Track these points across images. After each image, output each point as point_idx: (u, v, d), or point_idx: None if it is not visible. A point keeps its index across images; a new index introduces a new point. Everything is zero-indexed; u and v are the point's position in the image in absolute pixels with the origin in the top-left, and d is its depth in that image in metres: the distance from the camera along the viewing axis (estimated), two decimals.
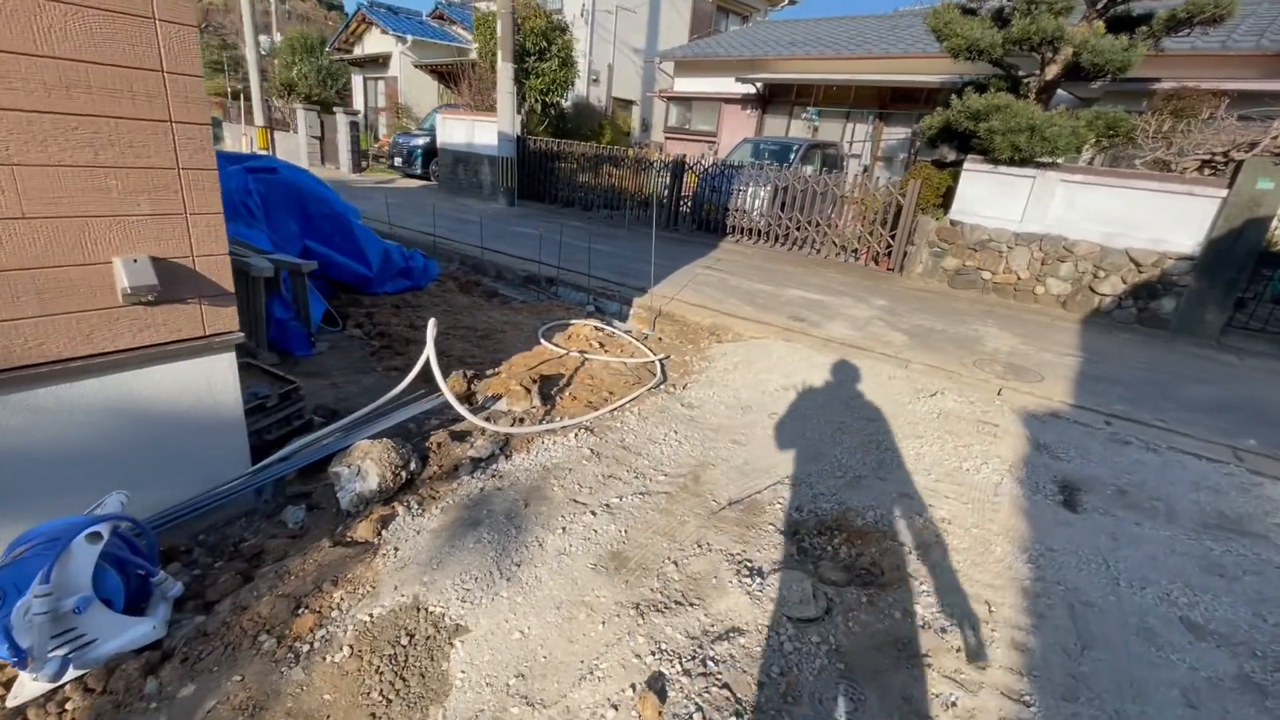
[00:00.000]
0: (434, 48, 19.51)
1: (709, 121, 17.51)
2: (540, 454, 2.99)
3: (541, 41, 13.17)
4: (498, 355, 4.53)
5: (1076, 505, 3.26)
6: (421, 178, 16.59)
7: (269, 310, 3.98)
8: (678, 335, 6.35)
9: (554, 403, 3.79)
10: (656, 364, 4.82)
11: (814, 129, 15.24)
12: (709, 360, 5.12)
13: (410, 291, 5.74)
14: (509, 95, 12.86)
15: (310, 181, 5.28)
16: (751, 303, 7.13)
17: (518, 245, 8.94)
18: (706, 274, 8.42)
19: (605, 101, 19.78)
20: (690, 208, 12.10)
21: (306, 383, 3.83)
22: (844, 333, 6.27)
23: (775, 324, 6.42)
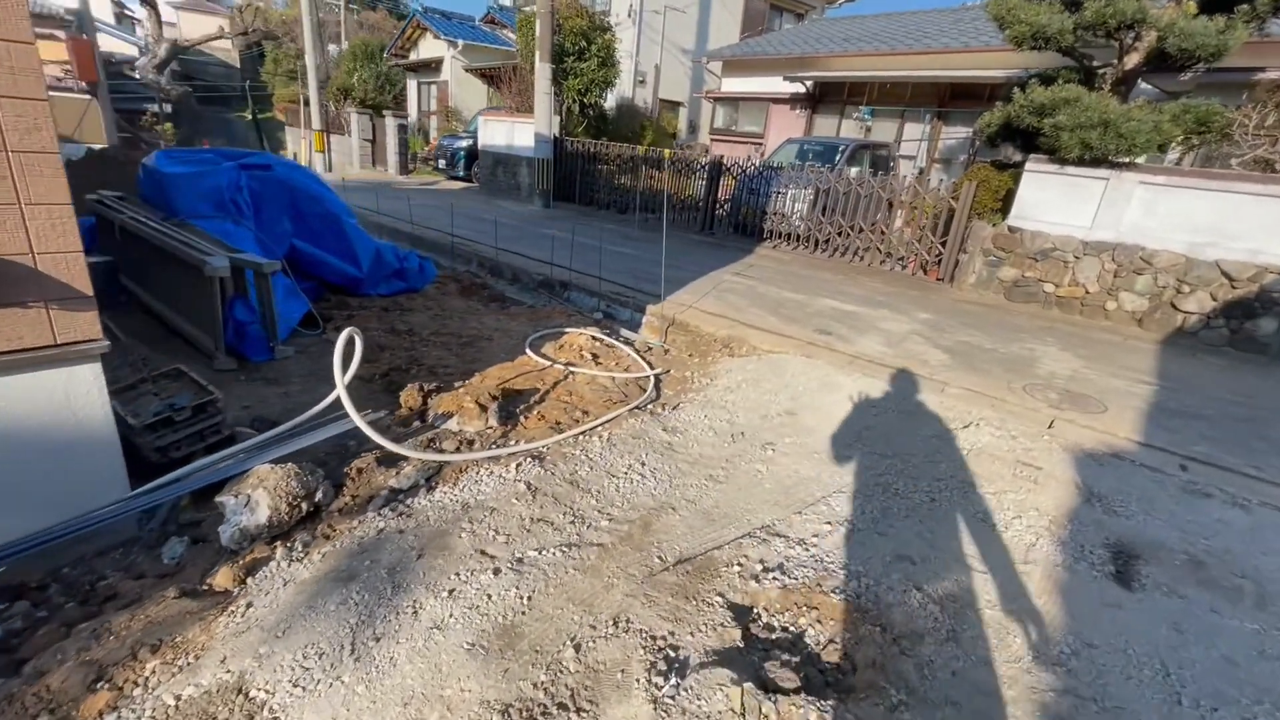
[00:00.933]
0: (484, 51, 19.64)
1: (756, 122, 16.87)
2: (467, 487, 2.59)
3: (581, 41, 12.92)
4: (474, 365, 4.17)
5: (1132, 579, 2.59)
6: (464, 180, 16.65)
7: (229, 312, 3.75)
8: (688, 347, 5.85)
9: (516, 423, 3.39)
10: (650, 379, 4.35)
11: (866, 129, 14.39)
12: (711, 377, 4.61)
13: (405, 294, 5.49)
14: (546, 96, 12.65)
15: (305, 180, 5.09)
16: (776, 313, 6.56)
17: (540, 248, 8.63)
18: (734, 281, 7.88)
19: (651, 103, 19.41)
20: (728, 211, 11.55)
21: (259, 390, 3.57)
22: (875, 349, 5.62)
23: (798, 337, 5.83)
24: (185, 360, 3.83)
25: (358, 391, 3.72)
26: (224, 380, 3.57)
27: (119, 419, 2.62)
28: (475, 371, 4.04)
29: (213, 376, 3.61)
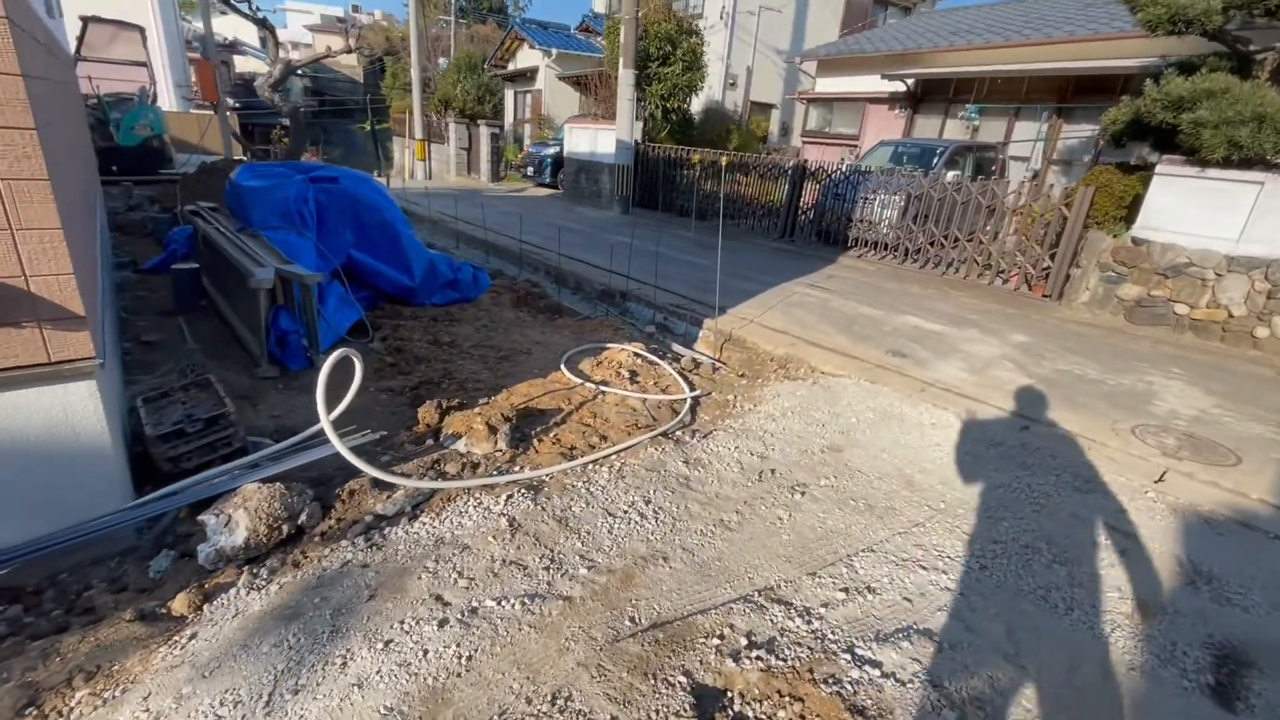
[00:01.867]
0: (576, 60, 20.01)
1: (851, 124, 16.01)
2: (449, 519, 2.46)
3: (666, 46, 12.77)
4: (505, 381, 4.09)
5: (1236, 696, 2.04)
6: (550, 186, 16.99)
7: (274, 321, 3.89)
8: (742, 365, 5.51)
9: (528, 447, 3.25)
10: (687, 403, 4.09)
11: (973, 129, 13.22)
12: (756, 402, 4.27)
13: (458, 304, 5.55)
14: (629, 102, 12.62)
15: (367, 191, 5.27)
16: (847, 330, 6.06)
17: (607, 256, 8.54)
18: (807, 293, 7.41)
19: (742, 106, 18.96)
20: (811, 218, 10.97)
21: (292, 399, 3.67)
22: (954, 375, 5.03)
23: (865, 359, 5.33)
24: (238, 366, 4.03)
25: (386, 405, 3.75)
26: (263, 388, 3.71)
27: (140, 427, 2.74)
28: (505, 387, 3.96)
29: (252, 384, 3.76)
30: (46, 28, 3.68)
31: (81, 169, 4.35)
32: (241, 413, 3.44)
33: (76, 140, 4.55)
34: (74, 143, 3.97)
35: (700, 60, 13.56)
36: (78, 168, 3.90)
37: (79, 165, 4.11)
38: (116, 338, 3.73)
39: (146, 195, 8.38)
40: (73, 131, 4.48)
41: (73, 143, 3.80)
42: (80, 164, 4.36)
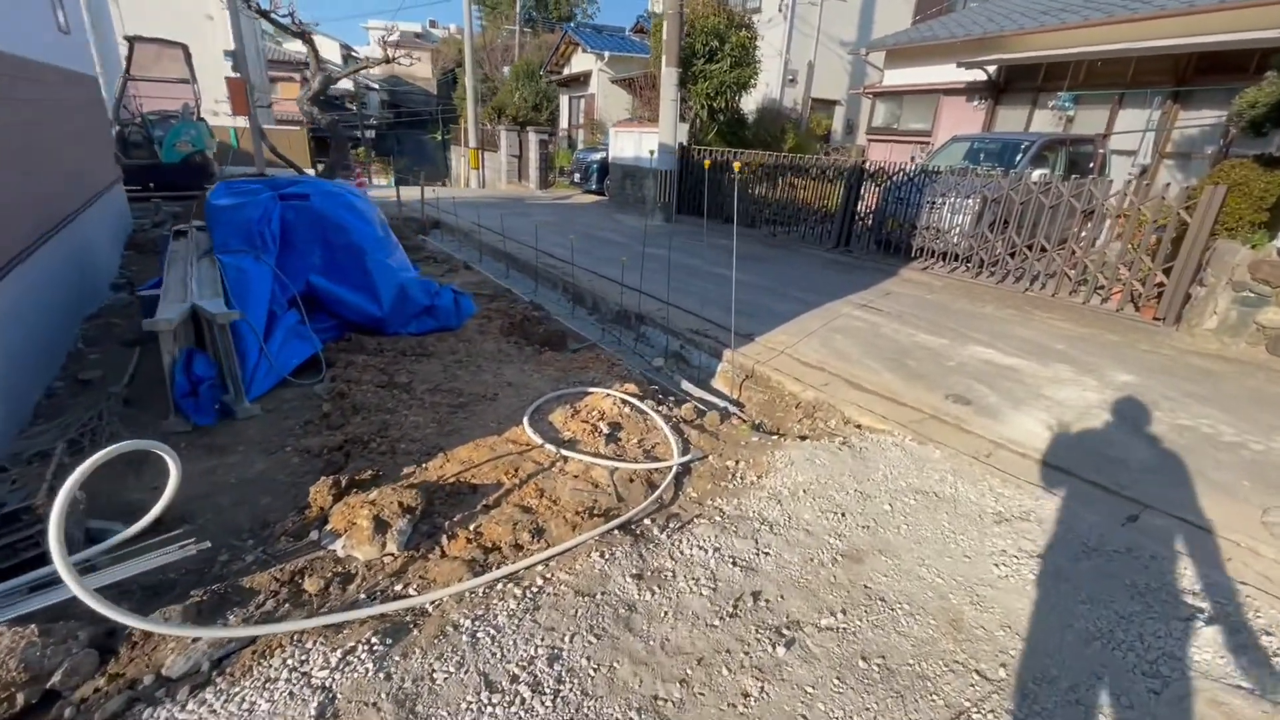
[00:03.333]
0: (629, 62, 19.35)
1: (922, 118, 14.53)
2: (241, 696, 1.72)
3: (712, 41, 11.86)
4: (449, 440, 3.37)
5: None
6: (597, 193, 16.39)
7: (188, 366, 3.33)
8: (760, 411, 4.58)
9: (433, 547, 2.50)
10: (671, 473, 3.23)
11: (1066, 120, 11.57)
12: (763, 471, 3.36)
13: (436, 333, 4.90)
14: (671, 103, 11.78)
15: (337, 209, 4.71)
16: (897, 365, 5.01)
17: (637, 271, 7.75)
18: (855, 316, 6.35)
19: (802, 103, 17.73)
20: (870, 224, 9.78)
21: (192, 464, 3.08)
22: (1032, 432, 3.93)
23: (916, 406, 4.29)
24: (159, 413, 3.50)
25: (294, 472, 3.10)
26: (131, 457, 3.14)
27: None
28: (445, 450, 3.23)
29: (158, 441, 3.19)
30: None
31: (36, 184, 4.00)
32: (120, 480, 2.87)
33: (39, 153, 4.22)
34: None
35: (751, 55, 12.55)
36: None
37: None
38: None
39: (171, 212, 8.32)
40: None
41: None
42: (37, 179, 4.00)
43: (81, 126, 5.97)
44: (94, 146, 6.29)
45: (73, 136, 5.46)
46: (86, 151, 5.89)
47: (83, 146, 5.82)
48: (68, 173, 5.02)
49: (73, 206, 4.92)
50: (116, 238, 6.44)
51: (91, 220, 5.45)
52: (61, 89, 5.32)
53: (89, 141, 6.11)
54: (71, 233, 4.71)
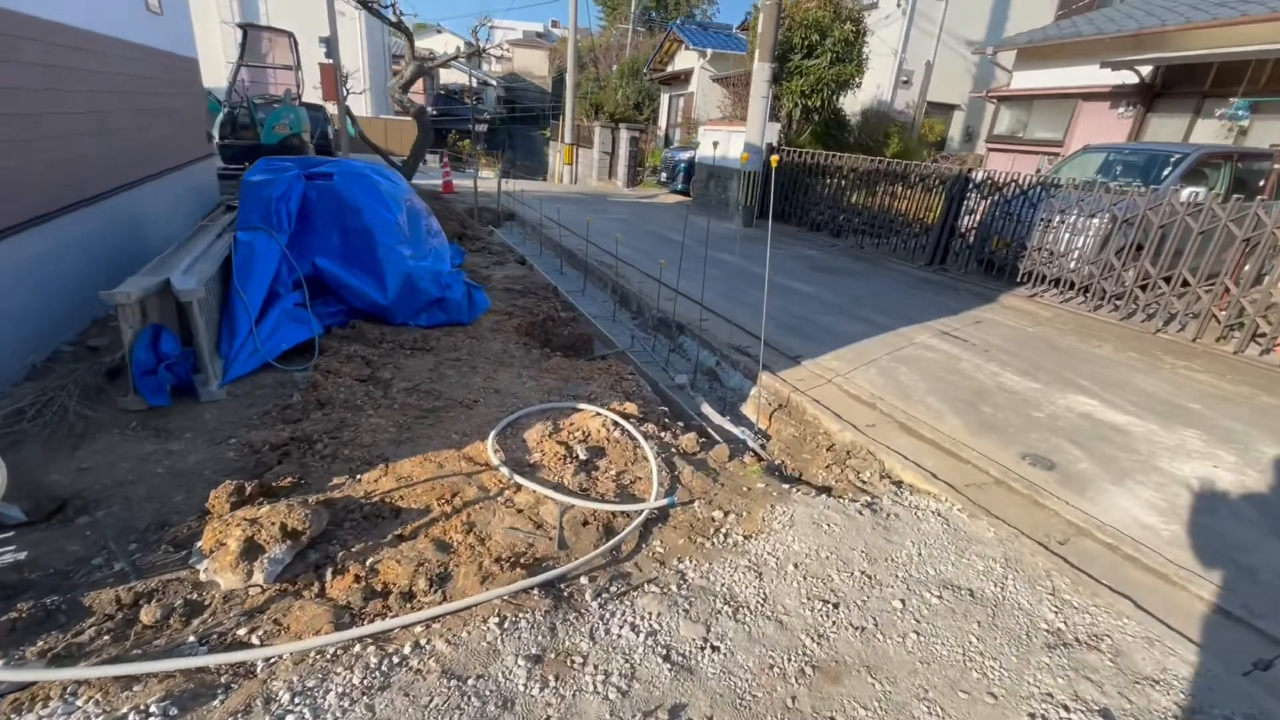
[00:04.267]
0: (732, 59, 18.64)
1: (1054, 126, 12.84)
2: None
3: (813, 35, 11.01)
4: (402, 449, 3.01)
5: None
6: (682, 193, 15.87)
7: (154, 343, 3.20)
8: (785, 448, 3.91)
9: (315, 583, 2.12)
10: (640, 518, 2.69)
11: (1238, 131, 9.70)
12: (754, 530, 2.74)
13: (445, 327, 4.62)
14: (761, 100, 11.06)
15: (354, 190, 4.54)
16: (969, 410, 4.17)
17: (695, 277, 7.20)
18: (932, 345, 5.47)
19: (916, 106, 16.31)
20: (973, 241, 8.62)
21: (134, 445, 2.92)
22: (1133, 519, 3.04)
23: (979, 465, 3.48)
24: None
25: (227, 465, 2.85)
26: (111, 424, 3.01)
27: None
28: (391, 460, 2.88)
29: (108, 418, 3.08)
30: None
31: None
32: (48, 459, 2.73)
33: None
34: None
35: (856, 52, 11.55)
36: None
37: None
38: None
39: None
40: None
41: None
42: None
43: (159, 102, 6.24)
44: (173, 122, 6.59)
45: (140, 111, 5.65)
46: (160, 127, 6.14)
47: (155, 121, 6.06)
48: (123, 146, 5.16)
49: (124, 179, 5.04)
50: (190, 212, 6.72)
51: (152, 193, 5.65)
52: (133, 64, 5.50)
53: (166, 117, 6.39)
54: (119, 203, 4.84)
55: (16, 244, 3.49)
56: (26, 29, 3.73)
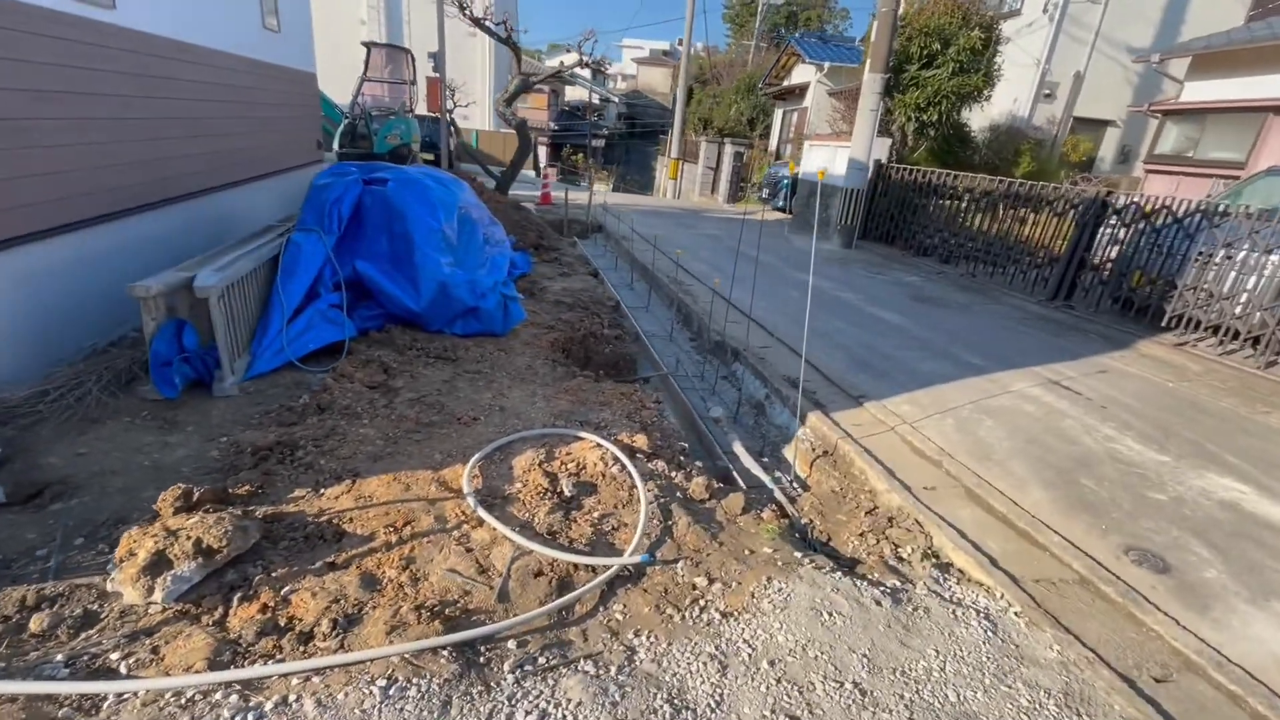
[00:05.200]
0: (847, 73, 17.70)
1: (1234, 145, 10.89)
2: None
3: (934, 44, 10.08)
4: (379, 465, 2.84)
5: None
6: (783, 211, 15.20)
7: (171, 338, 3.29)
8: (820, 504, 3.36)
9: (219, 606, 1.96)
10: (604, 574, 2.33)
11: None
12: (738, 608, 2.29)
13: (478, 336, 4.50)
14: (870, 113, 10.28)
15: (404, 197, 4.56)
16: (1063, 482, 3.43)
17: (771, 301, 6.73)
18: (1033, 396, 4.65)
19: (1060, 121, 14.58)
20: (1108, 275, 7.38)
21: (132, 436, 2.98)
22: (1277, 656, 2.24)
23: (1060, 555, 2.80)
24: None
25: (209, 464, 2.83)
26: (123, 412, 3.11)
27: None
28: (360, 476, 2.72)
29: (122, 405, 3.18)
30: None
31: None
32: (54, 441, 2.84)
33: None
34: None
35: (985, 62, 10.43)
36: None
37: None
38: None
39: None
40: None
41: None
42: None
43: (269, 112, 6.73)
44: (282, 130, 7.11)
45: (244, 119, 6.09)
46: (266, 134, 6.61)
47: (261, 129, 6.53)
48: (218, 150, 5.55)
49: (205, 183, 5.36)
50: (289, 213, 7.20)
51: (249, 194, 6.07)
52: (239, 76, 5.93)
53: (276, 125, 6.90)
54: (199, 205, 5.18)
55: (90, 235, 3.78)
56: (118, 40, 4.05)
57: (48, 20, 3.42)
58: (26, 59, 3.27)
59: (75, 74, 3.64)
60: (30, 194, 3.34)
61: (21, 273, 3.33)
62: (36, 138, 3.37)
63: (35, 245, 3.41)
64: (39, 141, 3.39)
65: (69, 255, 3.65)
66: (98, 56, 3.82)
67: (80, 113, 3.71)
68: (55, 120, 3.51)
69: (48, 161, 3.47)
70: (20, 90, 3.25)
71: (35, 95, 3.35)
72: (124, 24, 4.07)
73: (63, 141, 3.58)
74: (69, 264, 3.64)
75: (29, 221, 3.35)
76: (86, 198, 3.78)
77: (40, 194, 3.42)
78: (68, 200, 3.63)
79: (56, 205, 3.55)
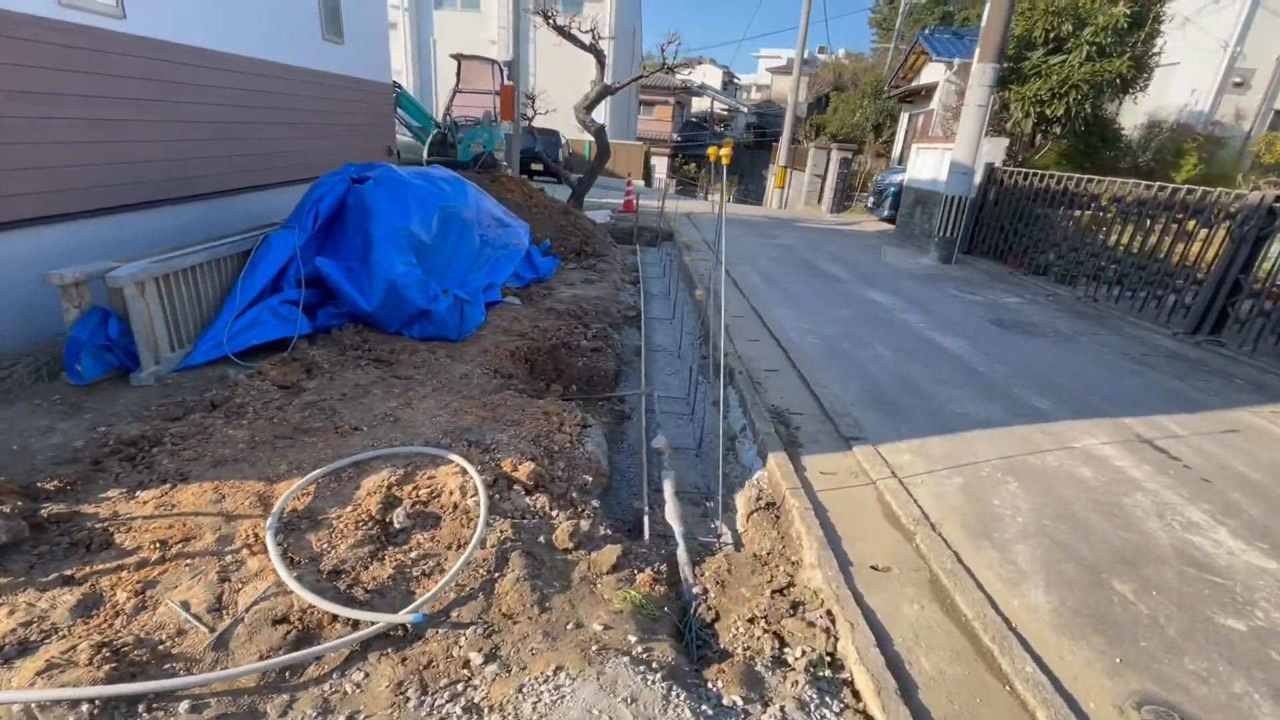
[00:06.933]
0: None
1: None
2: None
3: (1064, 25, 8.53)
4: (217, 471, 2.62)
5: None
6: (889, 221, 13.79)
7: (96, 325, 3.37)
8: (727, 573, 2.68)
9: None
10: (366, 632, 1.92)
11: None
12: (506, 697, 1.77)
13: (435, 340, 4.26)
14: (977, 109, 8.92)
15: (375, 194, 4.46)
16: (1083, 584, 2.54)
17: (815, 319, 5.95)
18: (1096, 456, 3.59)
19: (1256, 117, 11.88)
20: (1272, 305, 5.66)
21: (34, 417, 3.05)
22: None
23: (1021, 693, 2.00)
24: None
25: (59, 455, 2.79)
26: (45, 395, 3.20)
27: None
28: (188, 480, 2.52)
29: (55, 390, 3.29)
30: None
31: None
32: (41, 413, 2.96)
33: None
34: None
35: (1136, 45, 8.63)
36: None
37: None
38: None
39: None
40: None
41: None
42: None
43: (327, 119, 7.07)
44: (343, 136, 7.46)
45: (288, 124, 6.36)
46: (314, 139, 6.89)
47: (308, 134, 6.78)
48: (259, 153, 5.85)
49: (237, 183, 5.66)
50: None
51: (283, 197, 6.35)
52: (291, 84, 6.25)
53: (334, 131, 7.25)
54: (228, 203, 5.48)
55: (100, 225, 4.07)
56: (140, 49, 4.34)
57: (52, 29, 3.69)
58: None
59: (79, 78, 3.92)
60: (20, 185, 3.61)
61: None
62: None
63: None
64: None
65: (56, 246, 3.91)
66: (105, 62, 4.10)
67: (85, 114, 3.99)
68: (66, 120, 3.80)
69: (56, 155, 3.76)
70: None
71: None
72: (136, 32, 4.36)
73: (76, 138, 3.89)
74: (56, 254, 3.91)
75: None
76: (78, 192, 4.05)
77: (32, 186, 3.69)
78: (64, 193, 3.90)
79: (50, 198, 3.82)
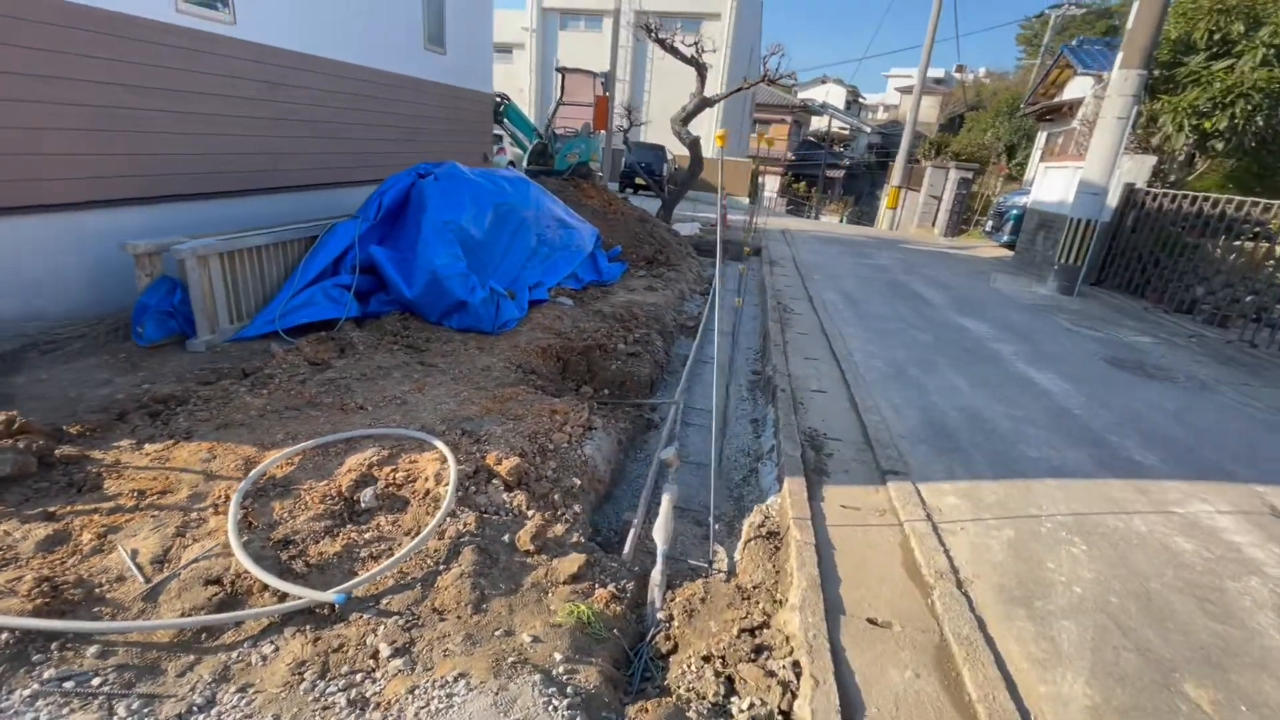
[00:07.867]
0: None
1: None
2: None
3: (1232, 25, 7.35)
4: (220, 434, 2.74)
5: None
6: (1008, 247, 12.54)
7: (164, 295, 3.70)
8: (700, 603, 2.41)
9: None
10: (289, 606, 1.89)
11: None
12: (395, 696, 1.66)
13: (470, 332, 4.30)
14: (1115, 124, 7.87)
15: (433, 189, 4.63)
16: (1133, 675, 2.11)
17: (891, 342, 5.49)
18: (1199, 524, 3.01)
19: None
20: None
21: (93, 372, 3.36)
22: None
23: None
24: None
25: (100, 403, 3.05)
26: (115, 353, 3.53)
27: None
28: (193, 439, 2.66)
29: (117, 349, 3.64)
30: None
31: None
32: (40, 368, 3.33)
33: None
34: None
35: None
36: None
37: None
38: None
39: None
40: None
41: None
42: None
43: (418, 124, 7.44)
44: (431, 139, 7.83)
45: (381, 127, 6.73)
46: (407, 141, 7.25)
47: (401, 136, 7.14)
48: (343, 152, 6.26)
49: (337, 178, 6.09)
50: None
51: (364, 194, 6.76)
52: (382, 89, 6.64)
53: (421, 135, 7.60)
54: (331, 195, 5.92)
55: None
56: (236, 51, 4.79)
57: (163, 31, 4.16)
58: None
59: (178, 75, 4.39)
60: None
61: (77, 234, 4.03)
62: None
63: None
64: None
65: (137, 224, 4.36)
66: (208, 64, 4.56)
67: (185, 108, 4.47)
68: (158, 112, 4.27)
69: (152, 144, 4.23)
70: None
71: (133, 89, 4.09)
72: (245, 37, 4.82)
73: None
74: (160, 231, 4.35)
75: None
76: (183, 177, 4.51)
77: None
78: (168, 177, 4.38)
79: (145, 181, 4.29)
